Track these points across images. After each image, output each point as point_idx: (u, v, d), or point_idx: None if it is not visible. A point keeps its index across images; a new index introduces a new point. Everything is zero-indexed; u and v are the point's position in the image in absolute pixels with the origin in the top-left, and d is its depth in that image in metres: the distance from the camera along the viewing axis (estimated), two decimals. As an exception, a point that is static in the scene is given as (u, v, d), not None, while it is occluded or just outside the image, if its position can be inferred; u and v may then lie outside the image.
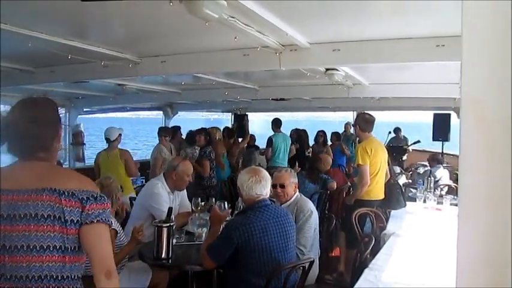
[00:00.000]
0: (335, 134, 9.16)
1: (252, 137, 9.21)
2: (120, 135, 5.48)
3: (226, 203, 3.37)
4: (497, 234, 0.82)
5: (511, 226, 0.79)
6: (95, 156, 5.76)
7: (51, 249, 1.45)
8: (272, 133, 7.71)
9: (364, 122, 4.58)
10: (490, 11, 0.80)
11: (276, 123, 8.03)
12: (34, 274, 1.43)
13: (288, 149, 7.86)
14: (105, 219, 1.52)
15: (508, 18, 0.78)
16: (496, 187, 0.82)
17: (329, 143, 8.90)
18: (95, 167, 5.58)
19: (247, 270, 2.62)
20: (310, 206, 3.45)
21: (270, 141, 7.70)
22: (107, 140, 5.41)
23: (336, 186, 5.62)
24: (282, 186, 3.45)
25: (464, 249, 0.86)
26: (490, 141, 0.82)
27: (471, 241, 0.85)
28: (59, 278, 1.47)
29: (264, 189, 2.82)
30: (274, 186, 3.49)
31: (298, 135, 8.98)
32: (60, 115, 1.65)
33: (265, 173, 2.92)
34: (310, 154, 8.46)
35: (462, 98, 0.84)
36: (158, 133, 6.49)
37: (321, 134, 8.79)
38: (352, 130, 10.32)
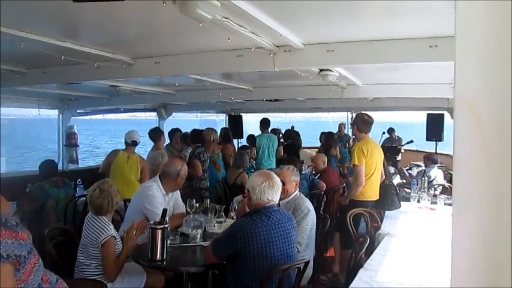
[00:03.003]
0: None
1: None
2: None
3: None
4: (491, 234, 0.82)
5: (507, 226, 0.79)
6: (107, 154, 5.50)
7: None
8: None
9: (363, 123, 4.59)
10: (483, 10, 0.80)
11: (263, 124, 8.01)
12: None
13: (275, 150, 7.84)
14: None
15: (501, 17, 0.78)
16: (491, 187, 0.81)
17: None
18: (105, 163, 5.37)
19: (247, 274, 2.59)
20: (308, 204, 3.48)
21: (253, 141, 7.69)
22: (131, 142, 5.31)
23: (324, 186, 5.62)
24: (282, 183, 3.45)
25: (459, 249, 0.86)
26: (484, 141, 0.82)
27: (465, 241, 0.85)
28: None
29: (275, 194, 2.75)
30: None
31: (289, 137, 8.98)
32: None
33: (278, 179, 2.84)
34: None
35: (456, 98, 0.84)
36: (154, 134, 6.18)
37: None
38: (345, 131, 10.38)
